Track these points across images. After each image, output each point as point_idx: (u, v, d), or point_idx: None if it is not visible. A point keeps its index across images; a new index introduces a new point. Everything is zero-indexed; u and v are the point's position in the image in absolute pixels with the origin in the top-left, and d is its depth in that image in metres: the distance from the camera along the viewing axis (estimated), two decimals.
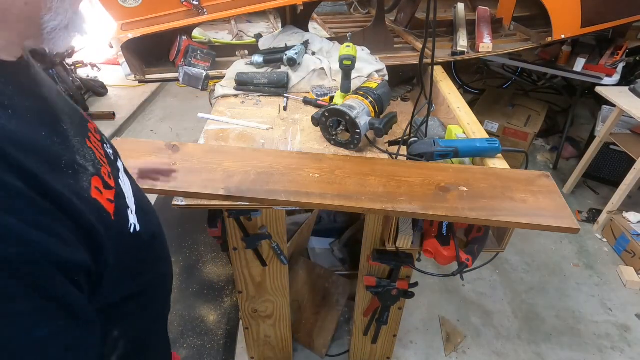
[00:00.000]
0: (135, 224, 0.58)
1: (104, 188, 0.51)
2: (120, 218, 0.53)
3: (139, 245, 0.58)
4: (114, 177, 0.57)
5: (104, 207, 0.49)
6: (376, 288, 1.30)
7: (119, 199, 0.54)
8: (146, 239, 0.61)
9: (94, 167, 0.51)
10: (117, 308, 0.58)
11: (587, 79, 2.43)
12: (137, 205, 0.61)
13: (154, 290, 0.67)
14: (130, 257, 0.56)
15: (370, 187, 1.02)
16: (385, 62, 1.68)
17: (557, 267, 2.27)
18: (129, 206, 0.58)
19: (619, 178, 2.36)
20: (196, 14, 1.58)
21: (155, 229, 0.67)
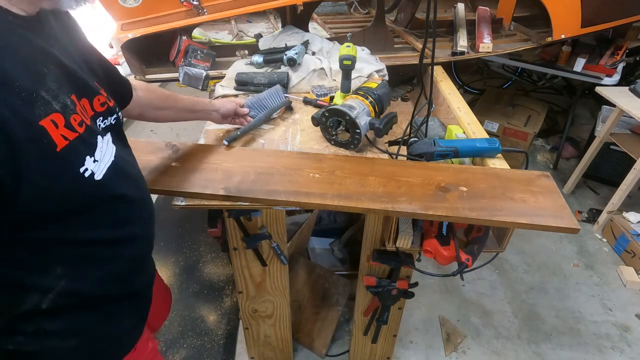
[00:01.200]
0: (95, 172, 0.65)
1: (64, 126, 0.60)
2: (71, 156, 0.61)
3: (93, 190, 0.65)
4: (90, 130, 0.66)
5: (50, 136, 0.57)
6: (376, 288, 1.30)
7: (80, 143, 0.62)
8: (109, 192, 0.69)
9: (61, 108, 0.60)
10: (61, 247, 0.66)
11: (587, 79, 2.43)
12: (114, 166, 0.69)
13: (116, 249, 0.73)
14: (75, 195, 0.63)
15: (370, 187, 1.02)
16: (385, 62, 1.68)
17: (557, 267, 2.27)
18: (94, 156, 0.65)
19: (619, 178, 2.36)
20: (196, 14, 1.58)
21: (129, 192, 0.73)
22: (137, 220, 0.77)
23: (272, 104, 1.43)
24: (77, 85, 0.66)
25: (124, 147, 0.79)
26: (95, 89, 0.72)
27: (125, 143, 0.82)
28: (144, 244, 0.82)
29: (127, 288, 0.79)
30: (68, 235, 0.65)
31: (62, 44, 0.67)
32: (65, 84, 0.63)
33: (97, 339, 0.76)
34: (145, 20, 1.58)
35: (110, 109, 0.75)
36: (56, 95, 0.60)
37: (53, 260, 0.65)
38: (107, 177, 0.66)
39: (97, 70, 0.79)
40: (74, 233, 0.66)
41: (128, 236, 0.75)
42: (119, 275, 0.75)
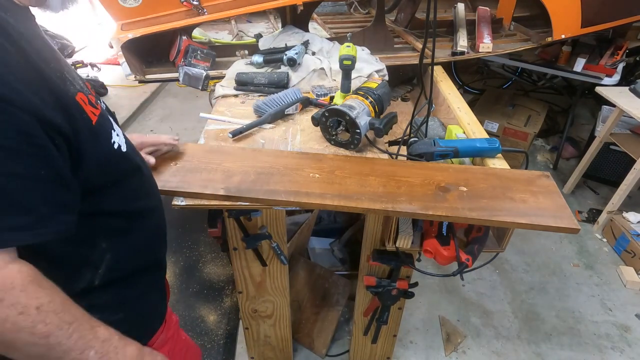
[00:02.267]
0: (121, 144, 0.70)
1: (88, 104, 0.63)
2: (102, 129, 0.65)
3: (123, 161, 0.70)
4: (103, 110, 0.69)
5: (85, 110, 0.61)
6: (376, 288, 1.30)
7: (102, 119, 0.66)
8: (132, 164, 0.74)
9: (81, 88, 0.63)
10: (104, 219, 0.69)
11: (587, 79, 2.42)
12: (127, 142, 0.74)
13: (142, 220, 0.77)
14: (112, 166, 0.67)
15: (370, 187, 1.02)
16: (385, 62, 1.68)
17: (557, 267, 2.27)
18: (115, 129, 0.69)
19: (619, 178, 2.36)
20: (196, 14, 1.58)
21: (142, 165, 0.78)
22: (153, 192, 0.83)
23: (286, 101, 1.43)
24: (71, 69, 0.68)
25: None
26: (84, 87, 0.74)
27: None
28: (161, 214, 0.85)
29: (154, 257, 0.84)
30: (105, 206, 0.68)
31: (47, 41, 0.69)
32: (66, 72, 0.65)
33: (137, 311, 0.80)
34: (145, 20, 1.58)
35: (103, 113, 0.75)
36: (74, 77, 0.63)
37: (97, 233, 0.69)
38: (129, 148, 0.73)
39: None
40: (109, 204, 0.69)
41: (149, 207, 0.79)
42: (147, 245, 0.80)
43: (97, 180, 0.64)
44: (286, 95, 1.47)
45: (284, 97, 1.45)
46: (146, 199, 0.79)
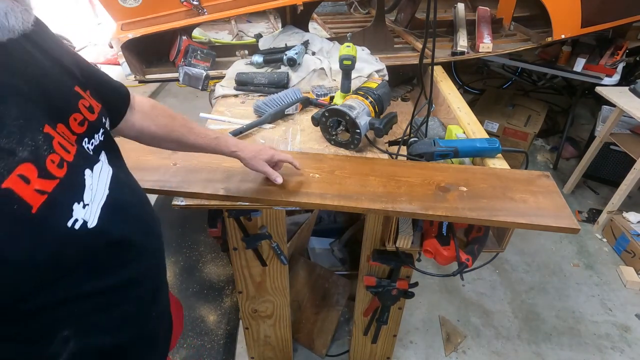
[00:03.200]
0: (87, 219, 0.55)
1: (38, 177, 0.49)
2: (52, 213, 0.50)
3: (89, 243, 0.56)
4: (75, 167, 0.55)
5: (20, 197, 0.46)
6: (376, 288, 1.30)
7: (62, 190, 0.52)
8: (107, 238, 0.59)
9: (32, 153, 0.49)
10: (59, 308, 0.56)
11: (587, 79, 2.42)
12: (109, 203, 0.59)
13: (118, 295, 0.64)
14: (65, 256, 0.53)
15: (370, 187, 1.02)
16: (385, 62, 1.68)
17: (557, 267, 2.27)
18: (84, 200, 0.55)
19: (619, 178, 2.36)
20: (196, 14, 1.58)
21: (130, 229, 0.64)
22: (143, 255, 0.68)
23: (286, 101, 1.43)
24: (51, 108, 0.55)
25: (120, 163, 0.70)
26: (71, 104, 0.60)
27: (119, 157, 0.72)
28: (155, 277, 0.73)
29: (141, 330, 0.71)
30: (65, 294, 0.56)
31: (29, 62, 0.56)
32: (34, 113, 0.52)
33: None
34: (145, 20, 1.58)
35: (92, 125, 0.62)
36: (21, 138, 0.48)
37: (54, 324, 0.56)
38: (103, 219, 0.57)
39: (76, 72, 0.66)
40: (72, 290, 0.56)
41: (135, 275, 0.66)
42: (131, 317, 0.67)
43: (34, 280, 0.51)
44: (286, 95, 1.47)
45: (284, 97, 1.45)
46: (131, 267, 0.65)
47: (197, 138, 0.91)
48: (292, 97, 1.46)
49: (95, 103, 0.65)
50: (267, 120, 1.37)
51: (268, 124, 1.38)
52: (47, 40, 0.62)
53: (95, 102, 0.65)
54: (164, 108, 0.89)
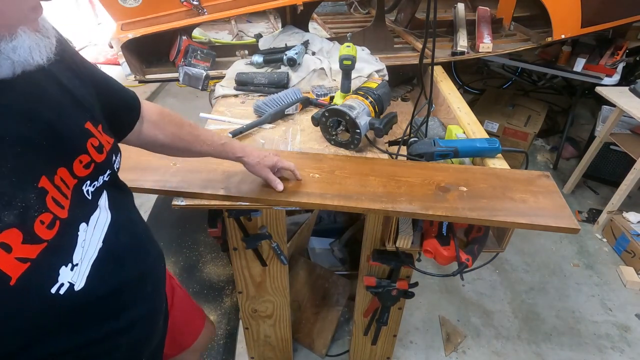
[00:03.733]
0: (75, 281, 0.51)
1: (22, 243, 0.44)
2: (34, 281, 0.46)
3: (75, 306, 0.52)
4: (68, 225, 0.51)
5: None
6: (376, 288, 1.30)
7: (49, 255, 0.48)
8: (96, 295, 0.56)
9: (18, 216, 0.45)
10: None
11: (587, 79, 2.43)
12: (101, 257, 0.56)
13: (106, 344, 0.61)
14: (46, 321, 0.50)
15: (370, 187, 1.02)
16: (385, 62, 1.68)
17: (557, 267, 2.27)
18: (72, 260, 0.51)
19: (619, 178, 2.36)
20: (196, 14, 1.58)
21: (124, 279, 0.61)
22: (137, 302, 0.65)
23: (286, 101, 1.44)
24: (49, 155, 0.52)
25: (121, 204, 0.66)
26: (78, 145, 0.57)
27: (122, 196, 0.68)
28: (148, 321, 0.70)
29: None
30: (44, 352, 0.52)
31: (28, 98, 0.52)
32: (28, 165, 0.48)
33: None
34: (145, 20, 1.58)
35: (98, 167, 0.60)
36: (10, 199, 0.45)
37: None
38: (92, 277, 0.54)
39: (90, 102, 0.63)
40: (55, 346, 0.53)
41: (126, 324, 0.63)
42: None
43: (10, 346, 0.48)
44: (286, 95, 1.47)
45: (284, 97, 1.45)
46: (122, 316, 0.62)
47: (204, 146, 0.91)
48: (292, 97, 1.46)
49: (107, 139, 0.63)
50: (267, 120, 1.37)
51: (268, 124, 1.38)
52: (63, 68, 0.59)
53: (106, 138, 0.63)
54: (171, 115, 0.88)
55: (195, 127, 0.91)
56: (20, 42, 0.45)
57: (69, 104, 0.57)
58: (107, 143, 0.63)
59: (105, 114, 0.66)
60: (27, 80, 0.50)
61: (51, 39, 0.49)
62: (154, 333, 0.73)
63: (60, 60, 0.57)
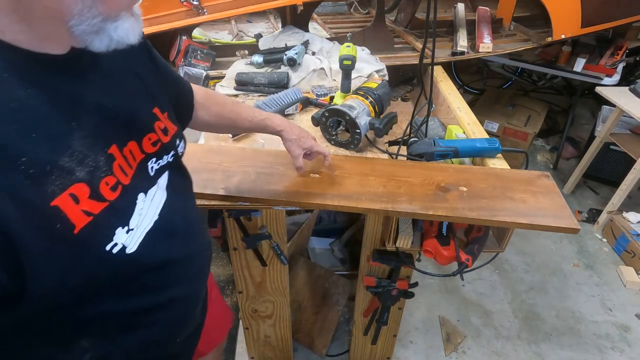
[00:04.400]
0: (127, 244, 0.54)
1: (88, 198, 0.49)
2: (94, 235, 0.50)
3: (123, 268, 0.55)
4: (129, 191, 0.55)
5: (65, 217, 0.47)
6: (376, 288, 1.30)
7: (109, 214, 0.52)
8: (144, 264, 0.59)
9: (88, 174, 0.50)
10: (85, 321, 0.57)
11: (587, 79, 2.43)
12: (155, 229, 0.59)
13: (153, 315, 0.64)
14: (97, 278, 0.53)
15: (370, 187, 1.02)
16: (385, 62, 1.68)
17: (557, 267, 2.27)
18: (129, 224, 0.55)
19: (619, 178, 2.36)
20: (196, 14, 1.58)
21: (172, 256, 0.64)
22: (181, 281, 0.68)
23: (286, 101, 1.44)
24: (123, 128, 0.58)
25: (179, 186, 0.70)
26: (148, 124, 0.63)
27: (182, 180, 0.73)
28: (188, 303, 0.72)
29: (164, 352, 0.72)
30: (92, 311, 0.57)
31: (112, 76, 0.59)
32: (103, 132, 0.54)
33: None
34: (145, 20, 1.58)
35: (165, 146, 0.65)
36: (84, 158, 0.50)
37: (76, 334, 0.58)
38: (144, 245, 0.57)
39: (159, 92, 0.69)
40: (100, 308, 0.57)
41: (167, 300, 0.66)
42: (155, 341, 0.67)
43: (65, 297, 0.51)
44: (286, 95, 1.47)
45: (284, 97, 1.45)
46: (164, 292, 0.65)
47: (245, 122, 0.97)
48: (292, 97, 1.46)
49: (172, 125, 0.69)
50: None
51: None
52: (139, 59, 0.67)
53: (171, 125, 0.69)
54: (215, 95, 0.95)
55: (238, 104, 0.98)
56: (121, 23, 0.51)
57: (142, 90, 0.65)
58: (172, 129, 0.69)
59: (171, 104, 0.73)
60: (110, 65, 0.59)
61: (141, 23, 0.56)
62: (191, 318, 0.76)
63: (138, 51, 0.65)
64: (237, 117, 0.95)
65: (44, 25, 0.47)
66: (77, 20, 0.47)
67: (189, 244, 0.69)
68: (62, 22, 0.46)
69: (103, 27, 0.49)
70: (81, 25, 0.47)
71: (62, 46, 0.50)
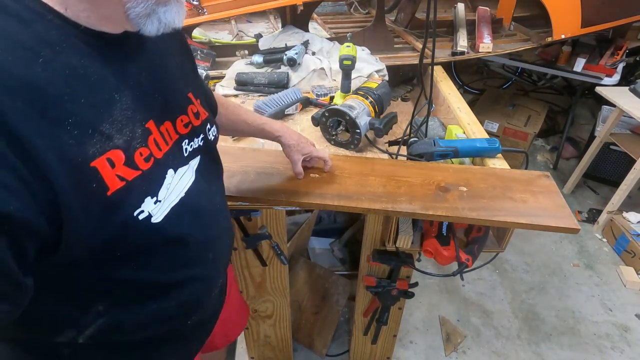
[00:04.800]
0: (153, 214, 0.57)
1: (123, 164, 0.52)
2: (125, 199, 0.53)
3: (149, 234, 0.58)
4: (160, 164, 0.58)
5: (102, 178, 0.50)
6: (376, 288, 1.30)
7: (141, 182, 0.55)
8: (166, 236, 0.61)
9: (125, 142, 0.53)
10: (107, 286, 0.60)
11: (587, 79, 2.43)
12: (180, 205, 0.61)
13: (168, 292, 0.66)
14: (123, 241, 0.56)
15: (370, 187, 1.02)
16: (385, 62, 1.68)
17: (557, 267, 2.27)
18: (157, 196, 0.57)
19: (619, 178, 2.36)
20: (196, 14, 1.58)
21: (193, 235, 0.65)
22: (199, 263, 0.69)
23: (286, 101, 1.44)
24: (164, 106, 0.62)
25: (209, 171, 0.72)
26: (182, 106, 0.67)
27: (213, 166, 0.76)
28: (203, 286, 0.73)
29: (175, 330, 0.74)
30: (112, 275, 0.59)
31: (153, 58, 0.63)
32: (142, 108, 0.57)
33: None
34: None
35: (195, 129, 0.68)
36: (122, 127, 0.53)
37: (94, 298, 0.60)
38: (168, 218, 0.59)
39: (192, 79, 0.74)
40: (119, 274, 0.59)
41: (183, 279, 0.68)
42: (167, 317, 0.69)
43: (93, 253, 0.54)
44: (286, 95, 1.47)
45: (284, 97, 1.45)
46: (182, 271, 0.67)
47: (245, 125, 0.99)
48: (292, 97, 1.46)
49: (203, 111, 0.72)
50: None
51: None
52: (177, 42, 0.72)
53: (203, 110, 0.72)
54: (218, 97, 0.95)
55: (239, 107, 1.00)
56: (170, 8, 0.54)
57: (178, 75, 0.69)
58: (203, 113, 0.72)
59: (202, 93, 0.76)
60: (153, 48, 0.63)
61: (184, 9, 0.58)
62: (205, 301, 0.77)
63: (177, 39, 0.71)
64: (237, 119, 0.97)
65: (105, 5, 0.51)
66: (134, 3, 0.51)
67: (212, 227, 0.71)
68: (121, 4, 0.51)
69: (155, 10, 0.53)
70: (137, 8, 0.51)
71: (117, 28, 0.54)
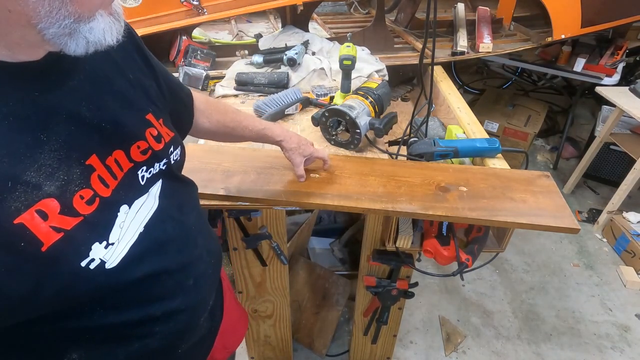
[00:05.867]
0: (107, 259, 0.52)
1: (58, 213, 0.47)
2: (67, 250, 0.48)
3: (105, 282, 0.53)
4: (108, 204, 0.53)
5: (32, 234, 0.45)
6: (376, 288, 1.30)
7: (84, 229, 0.50)
8: (129, 278, 0.56)
9: (59, 188, 0.47)
10: (72, 334, 0.56)
11: (587, 79, 2.43)
12: (141, 241, 0.57)
13: (140, 329, 0.62)
14: (81, 291, 0.52)
15: (370, 187, 1.02)
16: (385, 62, 1.68)
17: (557, 267, 2.27)
18: (108, 239, 0.52)
19: (619, 178, 2.36)
20: (196, 14, 1.58)
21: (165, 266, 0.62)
22: (178, 292, 0.65)
23: (286, 101, 1.44)
24: (107, 137, 0.55)
25: (174, 194, 0.67)
26: (137, 132, 0.60)
27: (179, 187, 0.71)
28: (187, 315, 0.68)
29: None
30: (78, 324, 0.55)
31: (97, 81, 0.56)
32: (80, 143, 0.51)
33: None
34: (145, 20, 1.58)
35: (156, 155, 0.62)
36: (53, 171, 0.47)
37: (64, 348, 0.56)
38: (127, 260, 0.54)
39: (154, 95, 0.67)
40: (86, 321, 0.55)
41: (163, 312, 0.63)
42: (153, 351, 0.65)
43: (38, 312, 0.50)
44: (286, 95, 1.47)
45: (284, 97, 1.45)
46: (160, 304, 0.62)
47: (245, 131, 0.96)
48: (292, 97, 1.46)
49: (166, 131, 0.66)
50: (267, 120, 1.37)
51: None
52: (130, 61, 0.63)
53: (166, 131, 0.66)
54: (216, 103, 0.94)
55: (238, 113, 0.97)
56: (97, 24, 0.47)
57: (134, 95, 0.61)
58: (167, 135, 0.66)
59: (169, 110, 0.71)
60: (96, 70, 0.56)
61: (121, 22, 0.52)
62: (193, 329, 0.73)
63: (132, 55, 0.64)
64: (237, 126, 0.95)
65: (11, 31, 0.44)
66: (46, 23, 0.43)
67: (185, 251, 0.67)
68: (31, 26, 0.43)
69: (77, 29, 0.45)
70: (51, 28, 0.44)
71: (36, 52, 0.48)
